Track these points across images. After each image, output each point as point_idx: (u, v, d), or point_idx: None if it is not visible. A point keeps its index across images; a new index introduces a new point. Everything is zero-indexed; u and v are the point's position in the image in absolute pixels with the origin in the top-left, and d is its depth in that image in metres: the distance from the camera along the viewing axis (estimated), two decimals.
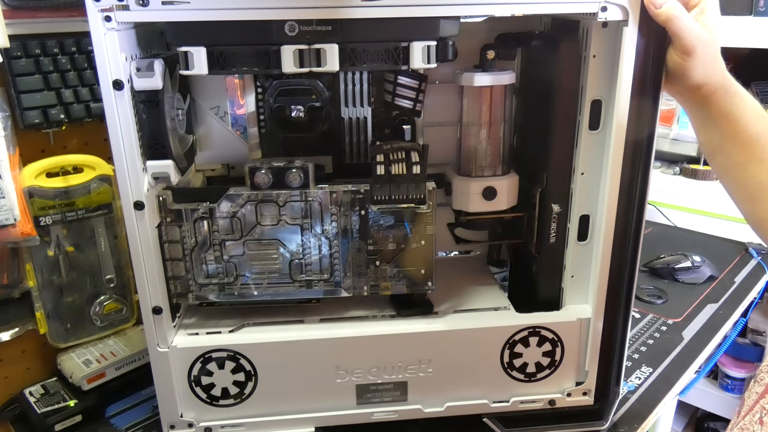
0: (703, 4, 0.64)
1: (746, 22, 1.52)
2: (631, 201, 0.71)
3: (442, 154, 0.84)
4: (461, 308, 0.81)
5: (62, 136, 0.88)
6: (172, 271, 0.72)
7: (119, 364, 0.90)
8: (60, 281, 0.89)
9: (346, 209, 0.72)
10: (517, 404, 0.81)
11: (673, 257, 1.26)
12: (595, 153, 0.72)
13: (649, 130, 0.68)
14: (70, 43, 0.85)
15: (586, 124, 0.71)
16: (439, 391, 0.79)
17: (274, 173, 0.70)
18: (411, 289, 0.76)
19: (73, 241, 0.89)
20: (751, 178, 0.69)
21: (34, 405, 0.85)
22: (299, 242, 0.73)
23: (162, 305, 0.71)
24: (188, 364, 0.74)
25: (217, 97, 0.77)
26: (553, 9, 0.65)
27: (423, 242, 0.74)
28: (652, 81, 0.66)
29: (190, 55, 0.63)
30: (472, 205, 0.79)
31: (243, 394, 0.76)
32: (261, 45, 0.64)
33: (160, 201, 0.69)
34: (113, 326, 0.95)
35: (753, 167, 0.68)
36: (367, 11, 0.61)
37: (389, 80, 0.74)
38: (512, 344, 0.78)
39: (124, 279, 0.94)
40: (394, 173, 0.71)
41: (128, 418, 0.86)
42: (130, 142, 0.64)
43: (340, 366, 0.77)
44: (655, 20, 0.62)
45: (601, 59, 0.68)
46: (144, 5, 0.59)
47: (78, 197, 0.87)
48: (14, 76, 0.81)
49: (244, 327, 0.77)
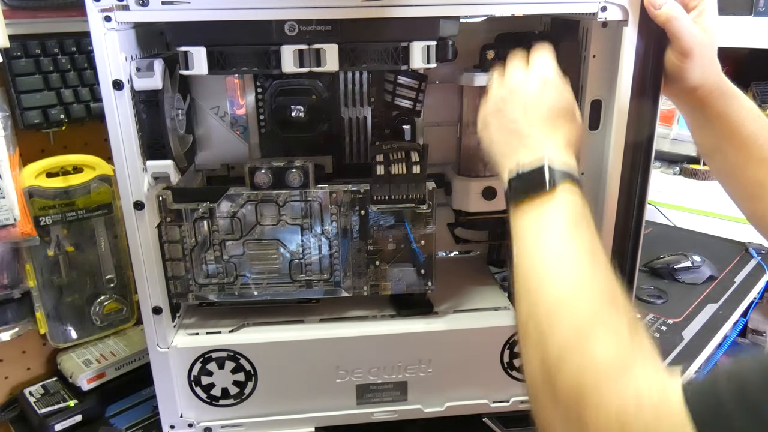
0: (701, 5, 0.64)
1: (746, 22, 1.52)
2: (631, 201, 0.70)
3: (442, 154, 0.84)
4: (461, 308, 0.81)
5: (62, 136, 0.88)
6: (172, 271, 0.72)
7: (119, 364, 0.90)
8: (60, 281, 0.89)
9: (346, 209, 0.72)
10: (517, 404, 0.81)
11: (673, 257, 1.26)
12: (595, 153, 0.72)
13: (649, 130, 0.68)
14: (70, 43, 0.84)
15: (586, 124, 0.71)
16: (439, 391, 0.79)
17: (274, 173, 0.70)
18: (411, 289, 0.76)
19: (73, 241, 0.89)
20: (751, 177, 0.69)
21: (34, 405, 0.85)
22: (299, 242, 0.73)
23: (162, 305, 0.71)
24: (188, 364, 0.74)
25: (217, 97, 0.77)
26: (553, 9, 0.65)
27: (423, 242, 0.74)
28: (652, 81, 0.66)
29: (190, 55, 0.63)
30: (472, 205, 0.79)
31: (243, 394, 0.76)
32: (261, 45, 0.64)
33: (160, 201, 0.69)
34: (113, 326, 0.95)
35: (752, 167, 0.68)
36: (367, 11, 0.61)
37: (389, 80, 0.74)
38: (512, 344, 0.78)
39: (124, 279, 0.94)
40: (394, 173, 0.71)
41: (128, 418, 0.86)
42: (130, 142, 0.64)
43: (340, 366, 0.77)
44: (654, 21, 0.62)
45: (601, 59, 0.68)
46: (144, 5, 0.59)
47: (78, 197, 0.87)
48: (14, 76, 0.81)
49: (244, 327, 0.77)
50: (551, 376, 0.44)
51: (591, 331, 0.44)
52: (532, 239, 0.52)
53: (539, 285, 0.49)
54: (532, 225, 0.52)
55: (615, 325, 0.44)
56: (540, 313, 0.47)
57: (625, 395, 0.40)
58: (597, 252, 0.49)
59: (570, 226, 0.51)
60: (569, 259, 0.49)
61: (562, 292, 0.47)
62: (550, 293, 0.48)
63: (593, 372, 0.42)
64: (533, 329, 0.47)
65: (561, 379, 0.44)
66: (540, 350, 0.46)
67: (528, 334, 0.48)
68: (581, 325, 0.45)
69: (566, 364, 0.44)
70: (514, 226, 0.54)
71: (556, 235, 0.50)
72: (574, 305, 0.46)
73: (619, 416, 0.40)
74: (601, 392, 0.41)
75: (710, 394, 0.38)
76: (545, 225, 0.51)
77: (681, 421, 0.38)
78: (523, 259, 0.51)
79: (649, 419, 0.39)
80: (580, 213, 0.51)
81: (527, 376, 0.48)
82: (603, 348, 0.43)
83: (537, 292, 0.48)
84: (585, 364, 0.43)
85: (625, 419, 0.40)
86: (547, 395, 0.45)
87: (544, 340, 0.46)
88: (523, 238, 0.52)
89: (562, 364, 0.44)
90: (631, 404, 0.40)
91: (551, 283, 0.48)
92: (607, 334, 0.44)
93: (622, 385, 0.41)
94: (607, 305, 0.46)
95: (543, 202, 0.52)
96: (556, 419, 0.44)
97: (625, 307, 0.46)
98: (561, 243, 0.50)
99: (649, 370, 0.42)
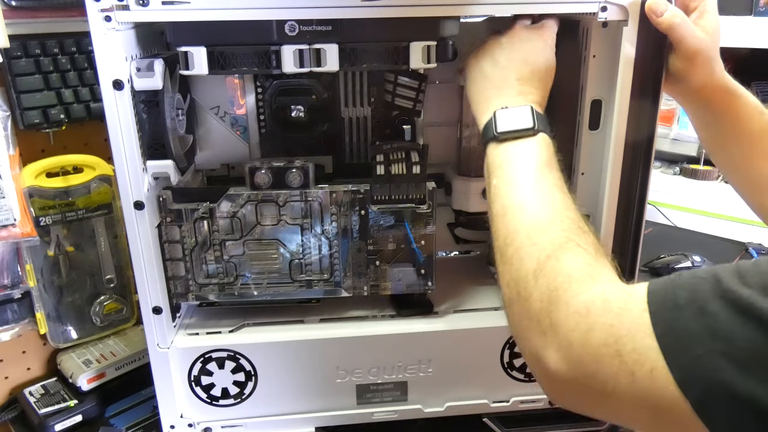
0: (702, 6, 0.64)
1: (746, 22, 1.52)
2: (631, 201, 0.70)
3: (442, 154, 0.84)
4: (461, 308, 0.81)
5: (62, 136, 0.88)
6: (172, 271, 0.72)
7: (119, 364, 0.90)
8: (60, 281, 0.89)
9: (346, 209, 0.72)
10: (517, 404, 0.81)
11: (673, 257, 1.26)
12: (595, 153, 0.72)
13: (649, 130, 0.68)
14: (70, 43, 0.85)
15: (586, 124, 0.71)
16: (439, 391, 0.79)
17: (274, 173, 0.70)
18: (411, 289, 0.76)
19: (73, 241, 0.89)
20: (757, 171, 0.70)
21: (34, 405, 0.85)
22: (299, 242, 0.73)
23: (162, 305, 0.71)
24: (188, 364, 0.74)
25: (217, 97, 0.77)
26: (553, 9, 0.65)
27: (423, 242, 0.74)
28: (652, 81, 0.66)
29: (190, 55, 0.63)
30: (472, 205, 0.79)
31: (243, 394, 0.76)
32: (261, 45, 0.64)
33: (160, 201, 0.69)
34: (113, 326, 0.95)
35: (758, 161, 0.69)
36: (367, 11, 0.61)
37: (389, 80, 0.74)
38: (512, 344, 0.78)
39: (124, 279, 0.94)
40: (394, 173, 0.71)
41: (128, 418, 0.86)
42: (130, 142, 0.64)
43: (340, 366, 0.76)
44: (657, 28, 0.62)
45: (601, 59, 0.68)
46: (144, 5, 0.59)
47: (78, 197, 0.87)
48: (14, 76, 0.81)
49: (244, 327, 0.77)
50: (528, 287, 0.49)
51: (564, 248, 0.50)
52: (514, 170, 0.58)
53: (519, 210, 0.54)
54: (515, 158, 0.58)
55: (584, 245, 0.50)
56: (519, 233, 0.53)
57: (593, 294, 0.45)
58: (565, 189, 0.56)
59: (546, 164, 0.57)
60: (545, 190, 0.55)
61: (539, 216, 0.53)
62: (529, 217, 0.53)
63: (565, 276, 0.47)
64: (512, 248, 0.52)
65: (536, 287, 0.48)
66: (518, 266, 0.51)
67: (505, 254, 0.53)
68: (555, 243, 0.50)
69: (542, 275, 0.49)
70: (493, 159, 0.60)
71: (535, 169, 0.57)
72: (550, 227, 0.52)
73: (588, 312, 0.44)
74: (572, 292, 0.46)
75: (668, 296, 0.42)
76: (526, 159, 0.58)
77: (640, 314, 0.42)
78: (502, 187, 0.57)
79: (613, 315, 0.43)
80: (554, 156, 0.59)
81: (503, 293, 0.53)
82: (575, 259, 0.49)
83: (516, 216, 0.54)
84: (558, 272, 0.48)
85: (592, 316, 0.44)
86: (521, 305, 0.49)
87: (521, 257, 0.51)
88: (504, 169, 0.58)
89: (539, 275, 0.49)
90: (598, 301, 0.45)
91: (530, 209, 0.54)
92: (578, 250, 0.50)
93: (590, 286, 0.46)
94: (576, 229, 0.52)
95: (526, 141, 0.59)
96: (530, 327, 0.48)
97: (590, 233, 0.53)
98: (539, 176, 0.56)
99: (614, 278, 0.48)
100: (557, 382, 0.46)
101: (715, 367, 0.38)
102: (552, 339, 0.46)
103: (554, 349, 0.45)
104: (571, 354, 0.44)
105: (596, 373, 0.43)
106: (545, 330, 0.46)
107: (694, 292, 0.41)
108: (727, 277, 0.40)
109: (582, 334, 0.44)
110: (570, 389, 0.46)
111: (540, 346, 0.46)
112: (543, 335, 0.46)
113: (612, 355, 0.42)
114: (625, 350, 0.41)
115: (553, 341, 0.45)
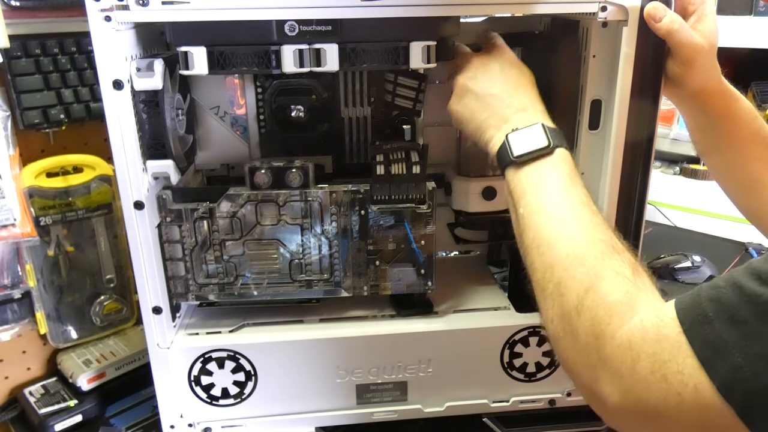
0: (701, 10, 0.65)
1: (746, 22, 1.52)
2: (631, 201, 0.71)
3: (442, 154, 0.84)
4: (461, 308, 0.81)
5: (62, 136, 0.88)
6: (172, 271, 0.72)
7: (119, 364, 0.90)
8: (60, 281, 0.89)
9: (346, 209, 0.72)
10: (517, 404, 0.81)
11: (673, 257, 1.26)
12: (595, 153, 0.72)
13: (649, 130, 0.68)
14: (70, 43, 0.84)
15: (586, 124, 0.71)
16: (439, 391, 0.79)
17: (274, 173, 0.70)
18: (411, 289, 0.76)
19: (73, 241, 0.89)
20: (748, 174, 0.71)
21: (34, 405, 0.85)
22: (299, 242, 0.73)
23: (162, 305, 0.71)
24: (188, 364, 0.74)
25: (217, 97, 0.77)
26: (553, 9, 0.65)
27: (423, 242, 0.74)
28: (652, 81, 0.66)
29: (190, 55, 0.63)
30: (472, 205, 0.79)
31: (243, 394, 0.76)
32: (261, 45, 0.64)
33: (160, 201, 0.69)
34: (113, 326, 0.95)
35: (749, 165, 0.70)
36: (367, 11, 0.61)
37: (389, 80, 0.74)
38: (512, 344, 0.78)
39: (124, 279, 0.94)
40: (394, 173, 0.71)
41: (128, 418, 0.86)
42: (130, 142, 0.64)
43: (340, 366, 0.76)
44: (655, 33, 0.62)
45: (601, 59, 0.68)
46: (144, 5, 0.59)
47: (78, 197, 0.87)
48: (14, 76, 0.81)
49: (244, 327, 0.77)
50: (572, 323, 0.49)
51: (601, 277, 0.49)
52: (539, 197, 0.56)
53: (553, 242, 0.53)
54: (538, 183, 0.57)
55: (620, 269, 0.50)
56: (556, 267, 0.52)
57: (633, 326, 0.46)
58: (592, 204, 0.56)
59: (570, 182, 0.56)
60: (574, 214, 0.54)
61: (573, 246, 0.52)
62: (564, 249, 0.52)
63: (606, 311, 0.48)
64: (552, 285, 0.52)
65: (581, 323, 0.49)
66: (559, 302, 0.51)
67: (546, 289, 0.53)
68: (592, 273, 0.50)
69: (584, 309, 0.49)
70: (516, 185, 0.59)
71: (560, 192, 0.56)
72: (586, 257, 0.51)
73: (631, 345, 0.45)
74: (614, 326, 0.47)
75: (697, 311, 0.43)
76: (549, 183, 0.57)
77: (676, 337, 0.43)
78: (531, 217, 0.56)
79: (653, 343, 0.44)
80: (574, 169, 0.58)
81: (548, 328, 0.53)
82: (612, 288, 0.49)
83: (551, 249, 0.53)
84: (599, 305, 0.48)
85: (635, 347, 0.45)
86: (569, 341, 0.50)
87: (561, 293, 0.51)
88: (529, 198, 0.57)
89: (581, 310, 0.49)
90: (637, 333, 0.45)
91: (563, 240, 0.53)
92: (615, 278, 0.49)
93: (630, 316, 0.47)
94: (610, 252, 0.51)
95: (546, 161, 0.58)
96: (580, 361, 0.49)
97: (625, 250, 0.52)
98: (565, 199, 0.55)
99: (650, 301, 0.48)
100: (613, 412, 0.48)
101: (755, 371, 0.39)
102: (602, 372, 0.47)
103: (606, 382, 0.46)
104: (622, 385, 0.45)
105: (648, 399, 0.44)
106: (595, 364, 0.47)
107: (720, 302, 0.42)
108: (745, 281, 0.41)
109: (630, 366, 0.45)
110: (625, 416, 0.47)
111: (592, 379, 0.48)
112: (594, 369, 0.47)
113: (659, 380, 0.43)
114: (670, 373, 0.43)
115: (603, 374, 0.47)
